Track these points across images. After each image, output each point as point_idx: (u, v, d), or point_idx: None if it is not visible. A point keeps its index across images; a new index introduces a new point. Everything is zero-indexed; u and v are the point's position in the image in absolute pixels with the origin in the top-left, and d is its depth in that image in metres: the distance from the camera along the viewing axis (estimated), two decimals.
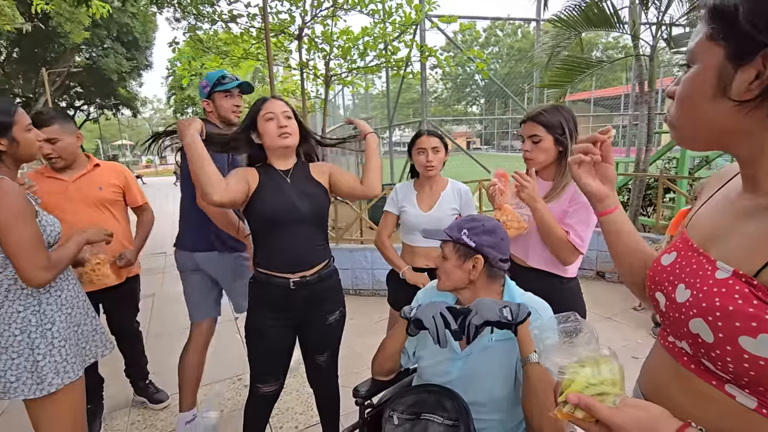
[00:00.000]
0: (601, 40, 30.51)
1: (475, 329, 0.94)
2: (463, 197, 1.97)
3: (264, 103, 1.50)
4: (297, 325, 1.60)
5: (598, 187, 0.81)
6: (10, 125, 1.26)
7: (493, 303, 0.97)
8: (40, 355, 1.30)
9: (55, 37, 11.58)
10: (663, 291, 0.65)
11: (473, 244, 1.13)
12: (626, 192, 5.47)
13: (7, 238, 1.20)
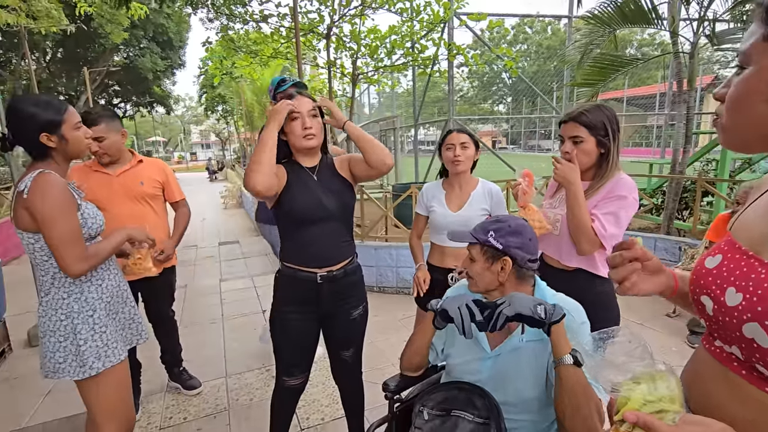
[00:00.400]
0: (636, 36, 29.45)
1: (505, 320, 0.93)
2: (494, 197, 1.93)
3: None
4: (321, 318, 1.63)
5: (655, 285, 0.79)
6: (60, 123, 1.33)
7: (527, 298, 0.97)
8: (82, 340, 1.38)
9: (95, 38, 12.13)
10: (710, 295, 0.64)
11: (500, 246, 1.12)
12: (661, 195, 5.27)
13: (50, 231, 1.27)
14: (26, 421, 2.29)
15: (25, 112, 1.29)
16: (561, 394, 0.96)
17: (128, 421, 1.50)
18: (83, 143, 1.41)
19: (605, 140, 1.43)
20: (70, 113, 1.36)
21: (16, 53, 11.68)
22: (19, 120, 1.29)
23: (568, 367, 0.95)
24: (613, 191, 1.42)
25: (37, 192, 1.26)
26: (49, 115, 1.31)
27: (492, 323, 0.94)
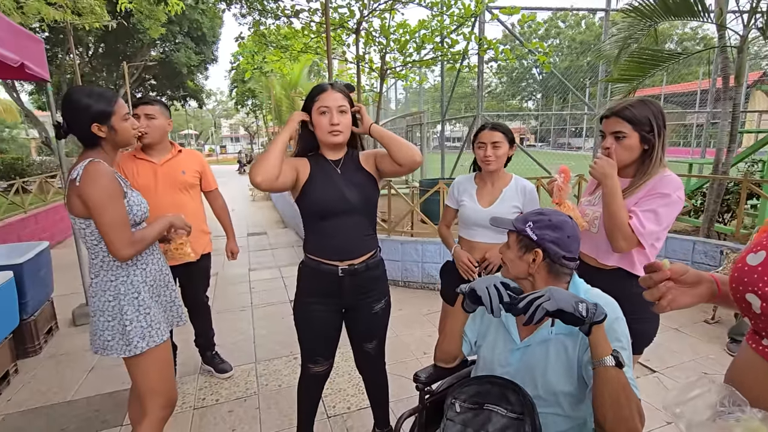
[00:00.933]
0: (676, 31, 28.09)
1: (544, 314, 0.91)
2: (527, 195, 1.89)
3: (320, 94, 1.48)
4: (344, 310, 1.66)
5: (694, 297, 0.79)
6: (110, 114, 1.40)
7: (568, 294, 0.95)
8: (127, 321, 1.45)
9: (134, 33, 12.58)
10: (756, 292, 0.62)
11: (535, 237, 1.12)
12: (701, 196, 5.05)
13: (101, 217, 1.35)
14: (72, 394, 2.43)
15: (79, 103, 1.36)
16: (601, 396, 0.94)
17: (171, 397, 1.57)
18: (130, 133, 1.48)
19: (650, 136, 1.39)
20: (119, 105, 1.43)
21: (62, 48, 12.28)
22: (74, 110, 1.37)
23: (609, 369, 0.92)
24: (656, 188, 1.38)
25: (88, 180, 1.33)
26: (101, 107, 1.38)
27: (529, 315, 0.92)
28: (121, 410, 2.26)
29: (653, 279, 0.76)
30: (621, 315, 1.09)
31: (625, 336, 1.05)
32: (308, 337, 1.65)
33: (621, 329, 1.05)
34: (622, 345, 1.03)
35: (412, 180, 10.10)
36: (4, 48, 2.18)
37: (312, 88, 1.53)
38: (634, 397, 0.94)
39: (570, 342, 1.09)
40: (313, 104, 1.48)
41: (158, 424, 1.53)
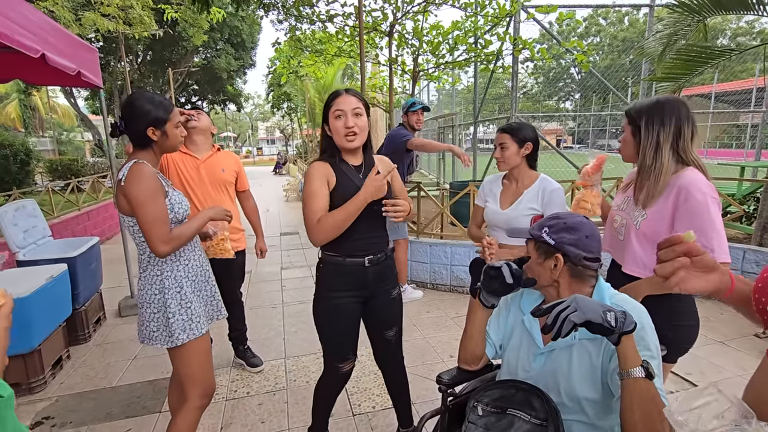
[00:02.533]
0: (730, 25, 26.34)
1: (572, 327, 0.88)
2: (546, 197, 1.80)
3: (335, 99, 1.52)
4: (366, 300, 1.69)
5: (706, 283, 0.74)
6: (165, 121, 1.52)
7: (595, 304, 0.91)
8: (170, 314, 1.54)
9: (179, 41, 13.26)
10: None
11: (552, 242, 1.10)
12: (753, 201, 4.72)
13: (142, 215, 1.43)
14: (116, 381, 2.60)
15: (141, 108, 1.48)
16: (630, 408, 0.90)
17: (209, 387, 1.65)
18: (179, 140, 1.60)
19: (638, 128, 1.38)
20: (174, 113, 1.55)
21: (114, 57, 13.11)
22: (134, 113, 1.48)
23: (639, 380, 0.89)
24: (684, 197, 1.28)
25: (132, 180, 1.43)
26: (159, 113, 1.49)
27: (557, 330, 0.88)
28: (160, 397, 2.39)
29: (675, 250, 0.72)
30: (650, 322, 1.04)
31: (655, 344, 1.01)
32: (337, 331, 1.67)
33: (650, 337, 1.01)
34: (652, 354, 0.99)
35: (444, 181, 10.03)
36: (63, 58, 2.37)
37: (327, 96, 1.58)
38: None
39: (593, 347, 1.07)
40: (329, 110, 1.53)
41: (196, 411, 1.62)
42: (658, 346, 1.02)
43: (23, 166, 8.64)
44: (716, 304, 3.54)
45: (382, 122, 13.49)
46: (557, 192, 1.81)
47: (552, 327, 0.89)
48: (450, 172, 10.01)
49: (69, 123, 25.16)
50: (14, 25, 1.91)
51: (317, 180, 1.54)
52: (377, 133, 14.02)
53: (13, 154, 8.37)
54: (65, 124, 25.76)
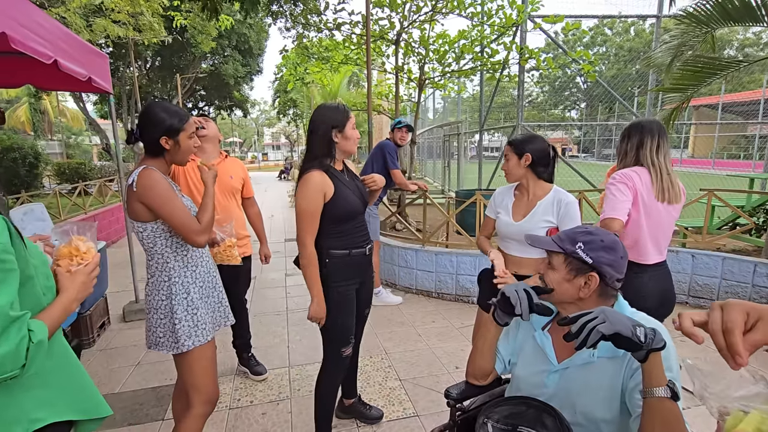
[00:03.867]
0: (738, 36, 26.32)
1: (600, 338, 0.85)
2: (562, 209, 1.78)
3: (350, 113, 1.77)
4: (359, 286, 1.87)
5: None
6: (179, 131, 1.52)
7: (624, 317, 0.88)
8: (177, 320, 1.53)
9: (188, 47, 13.40)
10: None
11: (590, 261, 1.06)
12: (763, 213, 4.67)
13: (170, 218, 1.46)
14: (119, 387, 2.58)
15: (156, 116, 1.49)
16: (652, 428, 0.87)
17: (213, 394, 1.64)
18: (191, 150, 1.61)
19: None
20: (189, 124, 1.56)
21: (123, 62, 13.28)
22: (149, 121, 1.50)
23: (664, 401, 0.86)
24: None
25: (147, 186, 1.44)
26: (173, 123, 1.50)
27: (583, 339, 0.86)
28: (163, 404, 2.37)
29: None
30: (671, 341, 1.02)
31: (676, 366, 0.98)
32: (347, 318, 1.82)
33: (672, 358, 0.98)
34: (674, 375, 0.96)
35: (450, 190, 10.02)
36: (75, 64, 2.39)
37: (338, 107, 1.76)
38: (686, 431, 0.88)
39: (612, 367, 1.04)
40: (349, 121, 1.74)
41: (200, 419, 1.60)
42: (678, 367, 0.99)
43: (32, 169, 8.73)
44: None
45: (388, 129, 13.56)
46: (573, 205, 1.78)
47: (576, 336, 0.86)
48: (455, 181, 10.00)
49: (77, 126, 25.46)
50: (27, 32, 1.93)
51: (316, 194, 1.66)
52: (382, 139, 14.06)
53: (22, 157, 8.46)
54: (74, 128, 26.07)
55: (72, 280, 1.00)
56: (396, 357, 2.89)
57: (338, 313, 1.78)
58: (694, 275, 3.69)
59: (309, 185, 1.65)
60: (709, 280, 3.63)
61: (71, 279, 1.00)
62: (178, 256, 1.55)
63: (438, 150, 12.76)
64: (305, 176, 1.67)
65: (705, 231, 3.89)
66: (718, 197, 3.83)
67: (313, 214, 1.66)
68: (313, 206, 1.66)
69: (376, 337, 3.19)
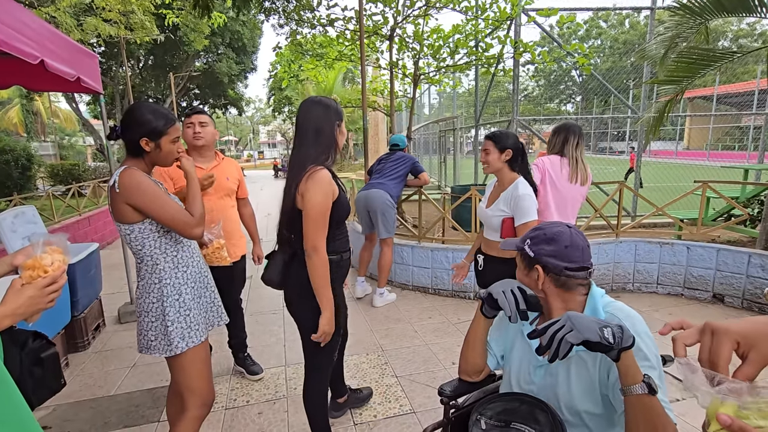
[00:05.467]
0: (732, 27, 26.33)
1: (569, 348, 0.86)
2: (511, 201, 2.05)
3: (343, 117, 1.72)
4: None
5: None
6: (161, 134, 1.49)
7: (591, 321, 0.88)
8: (169, 322, 1.51)
9: (180, 46, 13.32)
10: None
11: (532, 254, 1.11)
12: (757, 204, 4.68)
13: (160, 215, 1.44)
14: (115, 389, 2.57)
15: (141, 117, 1.46)
16: (635, 424, 0.88)
17: (208, 396, 1.63)
18: (172, 156, 1.55)
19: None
20: (173, 128, 1.52)
21: (116, 61, 13.17)
22: (132, 120, 1.47)
23: (642, 397, 0.86)
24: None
25: (130, 185, 1.40)
26: (156, 125, 1.47)
27: (554, 352, 0.87)
28: (159, 406, 2.37)
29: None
30: (646, 329, 1.03)
31: (654, 353, 0.99)
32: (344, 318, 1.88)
33: (647, 346, 0.99)
34: (651, 364, 0.96)
35: (446, 185, 10.01)
36: (62, 64, 2.36)
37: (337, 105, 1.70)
38: (670, 423, 0.89)
39: (589, 358, 1.05)
40: (341, 126, 1.69)
41: (195, 422, 1.59)
42: (657, 355, 1.00)
43: (24, 171, 8.66)
44: (720, 308, 3.50)
45: (383, 125, 13.50)
46: (522, 199, 2.02)
47: (547, 348, 0.88)
48: (451, 176, 10.00)
49: (71, 127, 25.27)
50: (12, 32, 1.89)
51: (328, 196, 1.55)
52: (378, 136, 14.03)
53: (14, 159, 8.39)
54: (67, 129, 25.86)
55: (17, 293, 0.94)
56: (392, 354, 2.88)
57: (339, 317, 1.73)
58: (689, 267, 3.71)
59: (323, 183, 1.51)
60: (704, 272, 3.64)
61: (17, 292, 0.94)
62: (168, 257, 1.53)
63: (434, 145, 12.74)
64: (317, 174, 1.51)
65: (700, 223, 3.90)
66: (712, 189, 3.84)
67: (325, 214, 1.54)
68: (326, 205, 1.53)
69: (372, 334, 3.18)
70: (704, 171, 8.26)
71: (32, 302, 0.95)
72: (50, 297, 0.98)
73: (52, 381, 1.20)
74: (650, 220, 4.96)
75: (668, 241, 3.83)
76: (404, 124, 10.40)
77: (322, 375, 1.80)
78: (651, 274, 3.88)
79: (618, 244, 3.89)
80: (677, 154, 18.20)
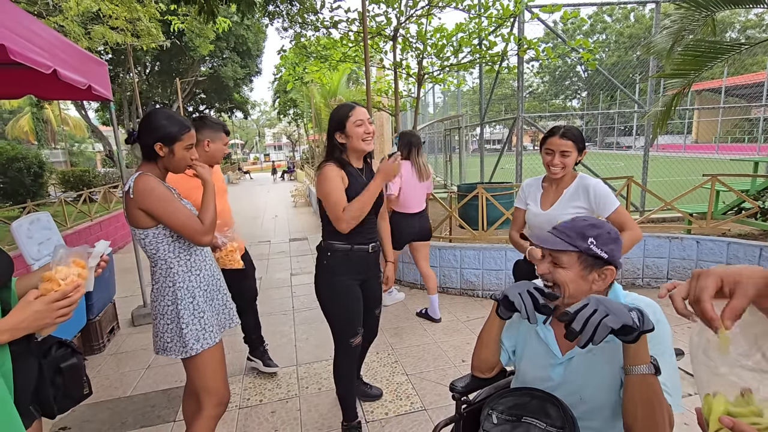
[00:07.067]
0: (739, 18, 25.96)
1: (608, 332, 0.84)
2: (591, 194, 1.81)
3: (352, 110, 1.76)
4: (362, 282, 1.94)
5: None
6: (175, 139, 1.51)
7: (620, 304, 0.88)
8: (183, 324, 1.54)
9: (186, 51, 13.45)
10: None
11: (606, 256, 1.06)
12: None
13: (172, 221, 1.47)
14: (131, 390, 2.62)
15: (156, 122, 1.50)
16: (634, 403, 0.91)
17: (224, 396, 1.66)
18: (185, 163, 1.57)
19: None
20: (188, 135, 1.54)
21: (123, 68, 13.33)
22: (148, 125, 1.51)
23: (646, 377, 0.89)
24: None
25: (144, 191, 1.44)
26: (171, 130, 1.49)
27: (589, 338, 0.85)
28: (174, 406, 2.41)
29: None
30: (664, 318, 1.04)
31: (666, 340, 1.01)
32: (350, 308, 1.89)
33: (663, 332, 1.01)
34: (662, 349, 0.98)
35: (452, 184, 10.00)
36: (74, 73, 2.41)
37: (340, 108, 1.80)
38: (665, 403, 0.91)
39: (611, 350, 1.05)
40: (347, 120, 1.76)
41: (211, 421, 1.62)
42: (670, 341, 1.01)
43: (37, 179, 8.81)
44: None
45: (388, 126, 13.51)
46: (598, 186, 1.82)
47: (579, 332, 0.85)
48: (457, 175, 9.98)
49: (80, 134, 25.64)
50: (26, 43, 1.94)
51: (336, 178, 1.74)
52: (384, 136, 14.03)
53: (26, 167, 8.54)
54: (77, 136, 26.24)
55: (24, 307, 0.92)
56: (402, 352, 2.90)
57: (341, 303, 1.87)
58: (699, 261, 3.68)
59: (326, 173, 1.75)
60: (714, 266, 3.61)
61: (25, 306, 0.92)
62: (181, 260, 1.56)
63: (439, 144, 12.73)
64: (321, 170, 1.79)
65: (709, 216, 3.87)
66: (721, 182, 3.80)
67: (336, 191, 1.72)
68: (335, 186, 1.72)
69: (382, 333, 3.20)
70: (713, 164, 8.16)
71: (37, 317, 0.93)
72: (60, 312, 0.96)
73: (74, 390, 1.21)
74: (659, 215, 4.92)
75: (677, 235, 3.80)
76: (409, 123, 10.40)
77: (342, 356, 1.96)
78: (660, 269, 3.86)
79: None
80: (686, 148, 17.98)
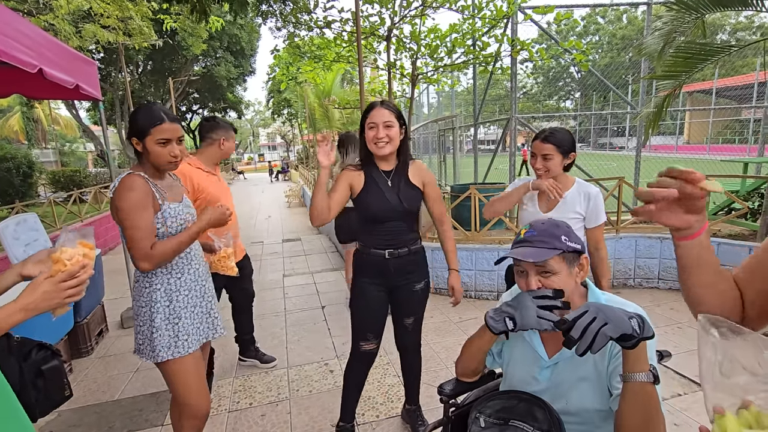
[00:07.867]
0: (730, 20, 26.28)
1: (607, 340, 0.82)
2: (591, 201, 1.87)
3: (369, 112, 1.72)
4: (389, 290, 1.87)
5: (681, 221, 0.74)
6: (144, 134, 1.43)
7: (619, 311, 0.86)
8: (155, 328, 1.48)
9: (179, 50, 13.33)
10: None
11: (579, 247, 1.08)
12: (758, 198, 4.67)
13: (124, 229, 1.40)
14: (119, 394, 2.58)
15: (132, 117, 1.46)
16: (631, 411, 0.89)
17: (197, 408, 1.56)
18: (162, 158, 1.46)
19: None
20: (158, 129, 1.42)
21: (114, 67, 13.20)
22: (130, 121, 1.48)
23: (645, 385, 0.87)
24: None
25: (120, 191, 1.40)
26: (142, 124, 1.43)
27: (588, 346, 0.83)
28: (162, 410, 2.38)
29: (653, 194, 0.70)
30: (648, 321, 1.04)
31: (653, 347, 1.00)
32: (360, 310, 1.86)
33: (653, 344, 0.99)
34: (650, 356, 0.96)
35: (446, 184, 10.01)
36: (61, 72, 2.37)
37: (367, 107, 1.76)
38: (662, 415, 0.90)
39: (598, 354, 1.04)
40: (365, 121, 1.73)
41: (192, 430, 1.58)
42: (654, 347, 1.01)
43: (26, 179, 8.70)
44: None
45: None
46: (599, 196, 1.88)
47: (577, 341, 0.83)
48: (451, 175, 9.99)
49: (71, 134, 25.36)
50: (11, 41, 1.91)
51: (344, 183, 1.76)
52: None
53: (16, 167, 8.43)
54: (68, 135, 25.95)
55: (33, 288, 0.92)
56: (394, 354, 2.87)
57: (357, 303, 1.88)
58: None
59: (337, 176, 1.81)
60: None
61: (34, 287, 0.92)
62: None
63: (433, 145, 12.74)
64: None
65: None
66: None
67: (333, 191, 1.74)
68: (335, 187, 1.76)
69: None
70: (704, 165, 8.24)
71: (46, 297, 0.93)
72: (68, 292, 0.96)
73: (55, 393, 1.18)
74: None
75: (669, 236, 3.82)
76: None
77: (351, 358, 1.96)
78: (652, 270, 3.88)
79: (618, 239, 3.90)
80: (677, 149, 18.16)
